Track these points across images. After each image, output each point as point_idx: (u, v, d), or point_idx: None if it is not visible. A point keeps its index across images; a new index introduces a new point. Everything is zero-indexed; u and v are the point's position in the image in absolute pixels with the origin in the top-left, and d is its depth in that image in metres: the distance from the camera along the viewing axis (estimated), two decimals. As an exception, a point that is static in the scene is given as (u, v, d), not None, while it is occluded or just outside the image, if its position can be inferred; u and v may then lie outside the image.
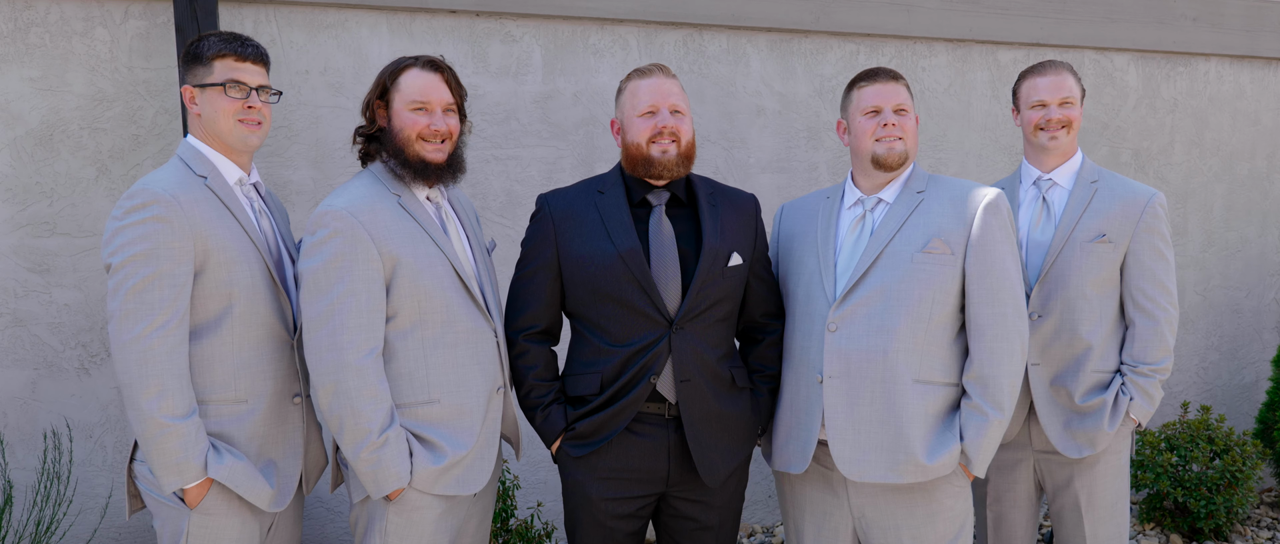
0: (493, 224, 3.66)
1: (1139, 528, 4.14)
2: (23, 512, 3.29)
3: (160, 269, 2.03)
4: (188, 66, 2.21)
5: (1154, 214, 2.65)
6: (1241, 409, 4.74)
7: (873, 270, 2.34)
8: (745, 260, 2.40)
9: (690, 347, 2.32)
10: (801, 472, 2.42)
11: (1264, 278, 4.70)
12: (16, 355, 3.25)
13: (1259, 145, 4.60)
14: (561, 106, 3.68)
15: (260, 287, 2.18)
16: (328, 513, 3.62)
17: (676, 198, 2.41)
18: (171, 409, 2.04)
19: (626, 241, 2.32)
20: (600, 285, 2.33)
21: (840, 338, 2.33)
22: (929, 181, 2.44)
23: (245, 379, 2.17)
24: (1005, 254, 2.34)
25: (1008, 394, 2.31)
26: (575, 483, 2.40)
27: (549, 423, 2.39)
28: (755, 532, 4.10)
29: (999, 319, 2.30)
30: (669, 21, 3.71)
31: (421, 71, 2.28)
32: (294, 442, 2.29)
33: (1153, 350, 2.64)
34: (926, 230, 2.34)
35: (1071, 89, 2.72)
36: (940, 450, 2.30)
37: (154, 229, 2.03)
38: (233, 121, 2.19)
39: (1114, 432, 2.65)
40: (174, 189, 2.08)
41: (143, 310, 2.02)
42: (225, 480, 2.11)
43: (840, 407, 2.33)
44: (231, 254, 2.13)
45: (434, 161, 2.27)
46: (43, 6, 3.17)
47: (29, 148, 3.19)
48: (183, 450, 2.05)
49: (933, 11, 3.99)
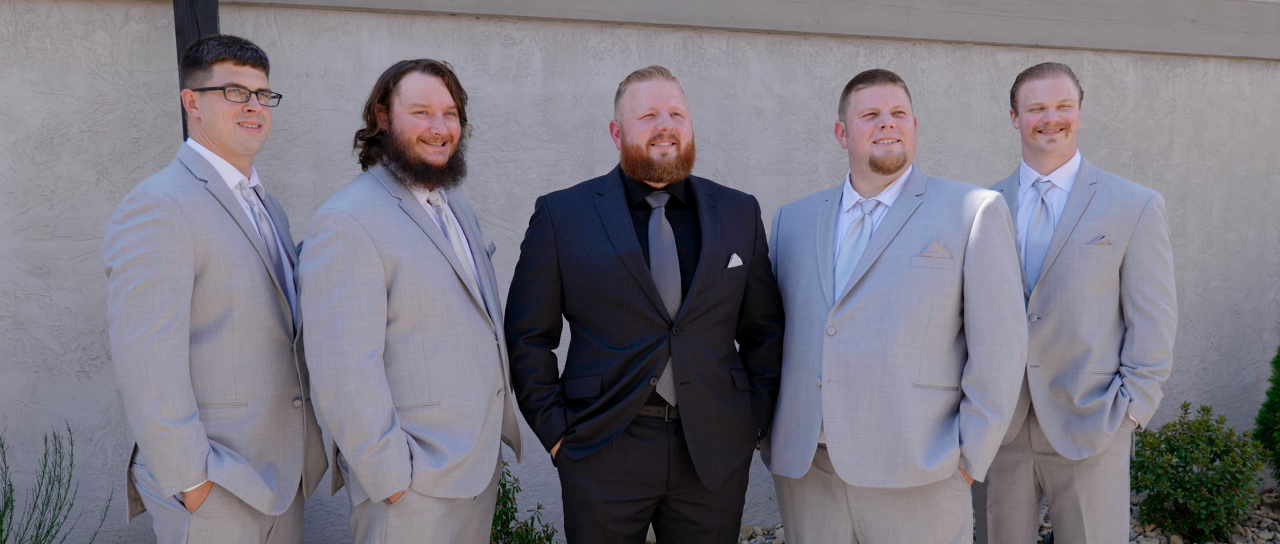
0: (493, 226, 3.66)
1: (1139, 529, 4.14)
2: (23, 515, 3.29)
3: (161, 273, 2.03)
4: (187, 71, 2.22)
5: (1152, 215, 2.66)
6: (1241, 410, 4.74)
7: (871, 274, 2.33)
8: (745, 262, 2.40)
9: (690, 349, 2.32)
10: (801, 476, 2.42)
11: (1263, 278, 4.70)
12: (17, 358, 3.25)
13: (1258, 146, 4.61)
14: (561, 109, 3.68)
15: (260, 290, 2.18)
16: (328, 516, 3.62)
17: (676, 199, 2.41)
18: (171, 412, 2.04)
19: (626, 243, 2.32)
20: (600, 288, 2.33)
21: (839, 342, 2.33)
22: (928, 184, 2.44)
23: (245, 382, 2.17)
24: (1004, 257, 2.34)
25: (1007, 397, 2.31)
26: (575, 486, 2.40)
27: (549, 426, 2.39)
28: (756, 533, 4.10)
29: (998, 322, 2.30)
30: (668, 24, 3.72)
31: (422, 75, 2.28)
32: (294, 445, 2.29)
33: (1152, 352, 2.64)
34: (925, 234, 2.34)
35: (1069, 91, 2.72)
36: (939, 455, 2.29)
37: (154, 233, 2.04)
38: (232, 125, 2.19)
39: (1114, 433, 2.65)
40: (174, 193, 2.09)
41: (143, 314, 2.02)
42: (225, 483, 2.11)
43: (839, 411, 2.32)
44: (232, 258, 2.13)
45: (435, 164, 2.27)
46: (43, 10, 3.17)
47: (30, 151, 3.20)
48: (183, 454, 2.05)
49: (932, 13, 4.00)
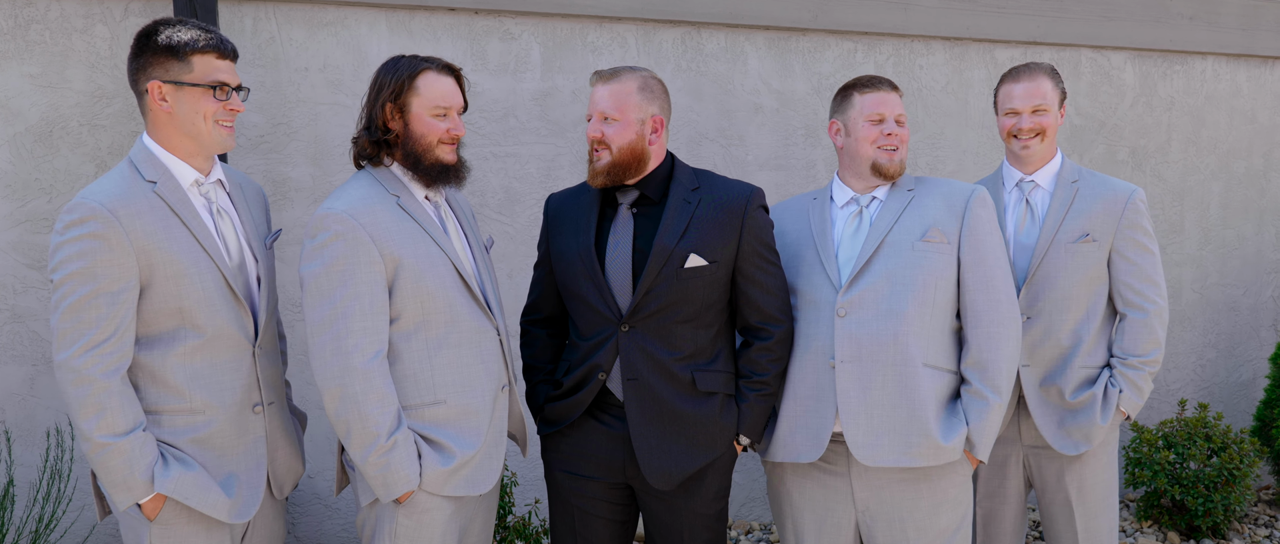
0: (491, 221, 3.67)
1: (1136, 526, 4.15)
2: (23, 509, 3.29)
3: (98, 287, 1.95)
4: (155, 58, 2.05)
5: (1135, 210, 2.67)
6: (1239, 407, 4.75)
7: (877, 257, 2.39)
8: (716, 261, 2.32)
9: (639, 346, 2.31)
10: (814, 460, 2.40)
11: (1261, 275, 4.71)
12: (15, 351, 3.25)
13: (1256, 143, 4.62)
14: (560, 104, 3.69)
15: (215, 299, 2.08)
16: (326, 510, 3.62)
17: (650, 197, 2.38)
18: (111, 428, 1.97)
19: (586, 239, 2.37)
20: (566, 281, 2.41)
21: (850, 323, 2.36)
22: (916, 182, 2.53)
23: (199, 392, 2.08)
24: (996, 245, 2.43)
25: (1006, 378, 2.37)
26: (547, 461, 2.51)
27: (534, 397, 2.53)
28: (753, 529, 4.11)
29: (994, 304, 2.38)
30: (667, 19, 3.72)
31: (439, 75, 2.24)
32: (256, 452, 2.20)
33: (1142, 343, 2.66)
34: (923, 221, 2.41)
35: (1045, 95, 2.69)
36: (953, 432, 2.34)
37: (90, 246, 1.95)
38: (213, 124, 2.10)
39: (1106, 425, 2.66)
40: (113, 202, 1.98)
41: (79, 329, 1.95)
42: (173, 493, 2.04)
43: (853, 391, 2.35)
44: (179, 267, 2.03)
45: (450, 162, 2.27)
46: (43, 4, 3.18)
47: (28, 144, 3.20)
48: (128, 466, 1.99)
49: (930, 10, 4.00)
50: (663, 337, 2.33)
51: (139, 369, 2.05)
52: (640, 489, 2.42)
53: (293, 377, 3.47)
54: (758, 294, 2.38)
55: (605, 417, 2.40)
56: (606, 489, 2.43)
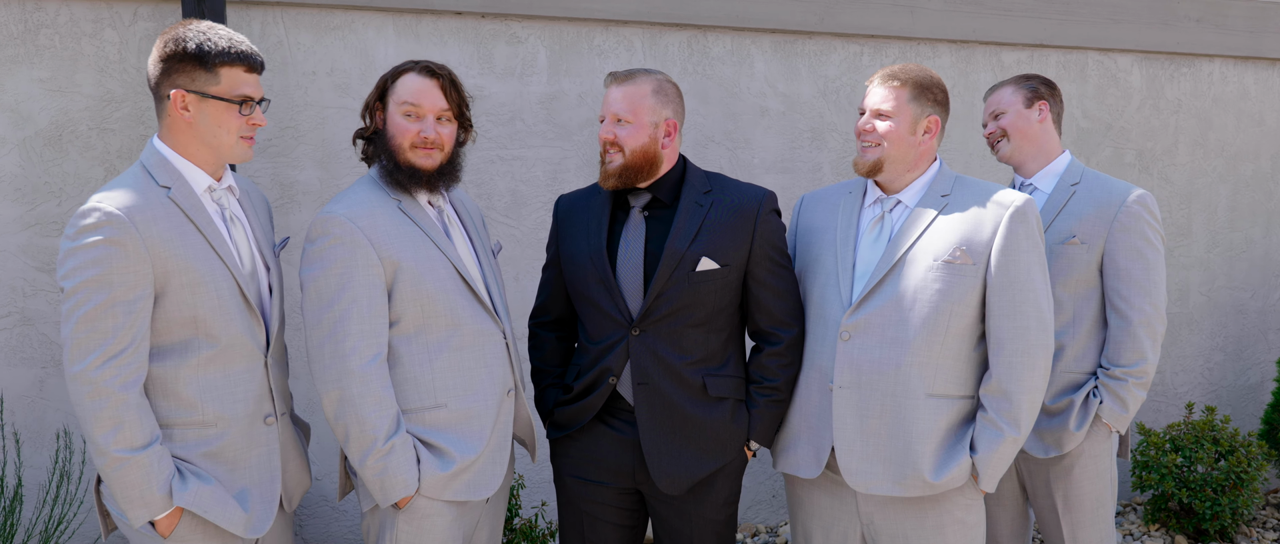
0: (498, 224, 3.68)
1: (1144, 529, 4.14)
2: (32, 510, 3.31)
3: (113, 296, 1.88)
4: (180, 66, 1.98)
5: (1130, 213, 2.59)
6: (1247, 410, 4.73)
7: (889, 278, 2.28)
8: (729, 265, 2.32)
9: (650, 350, 2.30)
10: (813, 477, 2.38)
11: (1269, 278, 4.69)
12: (25, 354, 3.27)
13: (1263, 146, 4.60)
14: (566, 107, 3.69)
15: (229, 308, 2.03)
16: (332, 512, 3.63)
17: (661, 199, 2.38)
18: (129, 442, 1.90)
19: (596, 242, 2.36)
20: (576, 284, 2.40)
21: (853, 347, 2.29)
22: (955, 184, 2.36)
23: (211, 403, 2.03)
24: (1031, 264, 2.24)
25: (1026, 412, 2.23)
26: (556, 466, 2.50)
27: (543, 402, 2.52)
28: (759, 531, 4.11)
29: (1020, 333, 2.22)
30: (673, 23, 3.73)
31: (418, 76, 2.23)
32: (269, 464, 2.14)
33: (1124, 352, 2.57)
34: (948, 238, 2.26)
35: (1001, 101, 2.77)
36: (949, 465, 2.25)
37: (104, 252, 1.87)
38: (236, 139, 2.05)
39: (1081, 433, 2.59)
40: (129, 206, 1.91)
41: (94, 340, 1.87)
42: (192, 507, 1.98)
43: (849, 418, 2.29)
44: (194, 276, 1.98)
45: (424, 168, 2.22)
46: (52, 8, 3.19)
47: (38, 148, 3.22)
48: (145, 481, 1.93)
49: (936, 13, 4.00)
50: (674, 341, 2.32)
51: (150, 381, 1.99)
52: (650, 494, 2.41)
53: (293, 386, 3.48)
54: (769, 298, 2.37)
55: (615, 421, 2.39)
56: (616, 494, 2.42)
